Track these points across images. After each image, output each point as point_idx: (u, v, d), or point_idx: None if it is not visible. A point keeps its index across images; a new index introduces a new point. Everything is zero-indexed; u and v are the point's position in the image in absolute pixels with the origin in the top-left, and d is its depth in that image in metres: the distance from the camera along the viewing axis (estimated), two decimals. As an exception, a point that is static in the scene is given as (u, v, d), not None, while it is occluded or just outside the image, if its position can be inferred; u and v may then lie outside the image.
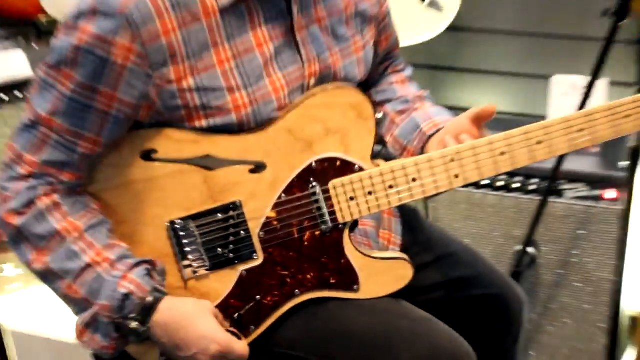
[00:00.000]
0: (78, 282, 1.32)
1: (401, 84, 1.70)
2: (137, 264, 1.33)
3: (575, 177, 2.22)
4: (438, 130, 1.51)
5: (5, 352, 1.49)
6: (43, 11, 2.56)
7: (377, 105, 1.64)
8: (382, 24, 1.60)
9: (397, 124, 1.61)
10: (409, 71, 1.74)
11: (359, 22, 1.50)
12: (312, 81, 1.41)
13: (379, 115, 1.51)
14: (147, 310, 1.30)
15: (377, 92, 1.69)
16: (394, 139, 1.61)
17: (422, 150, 1.54)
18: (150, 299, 1.30)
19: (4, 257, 2.31)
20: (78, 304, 1.34)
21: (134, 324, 1.30)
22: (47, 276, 1.35)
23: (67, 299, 1.36)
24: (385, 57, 1.71)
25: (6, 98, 2.45)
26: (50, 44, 1.31)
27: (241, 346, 1.33)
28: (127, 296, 1.30)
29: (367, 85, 1.65)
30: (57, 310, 2.23)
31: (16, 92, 2.49)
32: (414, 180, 1.36)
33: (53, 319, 2.30)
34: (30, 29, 2.67)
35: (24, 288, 2.41)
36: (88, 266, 1.31)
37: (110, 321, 1.31)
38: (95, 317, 1.31)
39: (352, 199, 1.37)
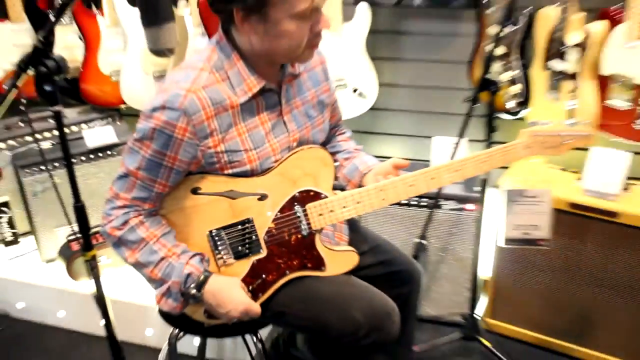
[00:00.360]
0: (157, 268, 1.57)
1: (345, 141, 1.93)
2: (194, 255, 1.59)
3: (449, 197, 2.45)
4: (369, 170, 1.76)
5: (107, 311, 1.77)
6: (123, 102, 2.85)
7: (332, 155, 1.78)
8: (332, 107, 1.85)
9: (344, 166, 1.82)
10: (349, 133, 1.97)
11: (320, 107, 1.76)
12: (294, 144, 1.66)
13: (336, 164, 1.76)
14: (201, 283, 1.55)
15: (332, 147, 1.90)
16: (343, 176, 1.83)
17: (360, 183, 1.77)
18: (202, 276, 1.56)
19: (102, 251, 2.53)
20: (157, 282, 1.59)
21: (193, 292, 1.55)
22: (138, 266, 1.59)
23: (150, 279, 1.60)
24: (334, 126, 1.93)
25: (101, 154, 2.72)
26: (133, 125, 1.54)
27: (256, 306, 1.60)
28: (189, 275, 1.55)
29: (324, 143, 1.83)
30: (134, 285, 2.56)
31: (107, 152, 2.76)
32: (357, 202, 1.64)
33: (132, 291, 2.58)
34: (116, 113, 2.93)
35: (114, 270, 2.63)
36: (162, 259, 1.57)
37: (178, 291, 1.56)
38: (169, 289, 1.57)
39: (320, 214, 1.64)
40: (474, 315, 2.42)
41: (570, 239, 2.31)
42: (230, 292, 1.59)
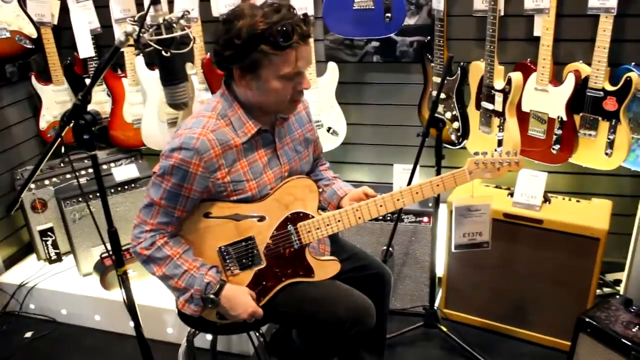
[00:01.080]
0: (181, 280, 1.56)
1: (325, 171, 1.93)
2: (211, 267, 1.58)
3: (408, 212, 2.46)
4: (345, 194, 1.79)
5: (137, 316, 1.73)
6: (143, 144, 2.83)
7: (315, 182, 1.76)
8: (315, 143, 1.85)
9: (325, 191, 1.84)
10: (327, 164, 1.98)
11: (305, 143, 1.76)
12: (286, 173, 1.66)
13: (320, 190, 1.74)
14: (218, 290, 1.55)
15: (315, 175, 1.90)
16: (324, 199, 1.84)
17: (338, 205, 1.79)
18: (219, 285, 1.56)
19: (129, 266, 2.45)
20: (180, 291, 1.57)
21: (211, 297, 1.54)
22: (164, 278, 1.58)
23: (174, 289, 1.59)
24: (317, 158, 1.92)
25: (127, 187, 2.68)
26: (152, 162, 1.56)
27: (260, 310, 1.59)
28: (208, 283, 1.55)
29: (309, 173, 1.84)
30: (156, 292, 2.51)
31: (132, 184, 2.70)
32: (338, 220, 1.65)
33: (155, 297, 2.52)
34: (138, 153, 2.91)
35: (139, 281, 2.57)
36: (185, 271, 1.56)
37: (199, 297, 1.55)
38: (191, 296, 1.56)
39: (309, 231, 1.65)
40: (433, 306, 2.41)
41: (505, 242, 2.32)
42: (241, 298, 1.58)
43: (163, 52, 1.31)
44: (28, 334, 2.70)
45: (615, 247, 2.45)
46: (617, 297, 2.03)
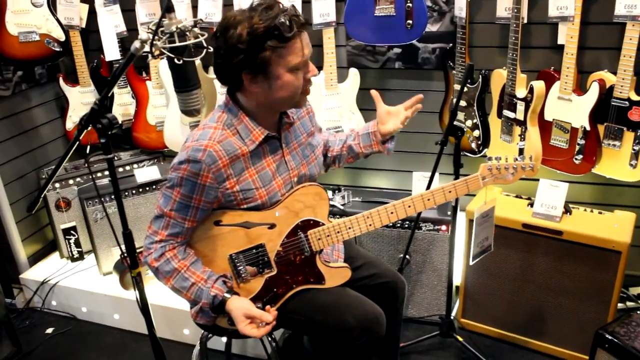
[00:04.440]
0: (189, 292, 1.57)
1: (341, 133, 1.96)
2: (217, 279, 1.57)
3: (427, 220, 2.42)
4: (373, 124, 1.83)
5: (150, 316, 1.75)
6: (166, 146, 2.87)
7: (343, 146, 1.87)
8: (320, 142, 1.84)
9: (357, 144, 1.85)
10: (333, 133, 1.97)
11: (311, 147, 1.74)
12: (295, 179, 1.66)
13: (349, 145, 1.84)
14: (224, 302, 1.55)
15: (338, 144, 1.90)
16: (362, 147, 1.84)
17: (379, 135, 1.82)
18: (226, 296, 1.55)
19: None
20: (191, 302, 1.61)
21: (220, 308, 1.56)
22: (174, 290, 1.60)
23: (186, 299, 1.60)
24: (326, 145, 1.92)
25: (148, 188, 2.72)
26: (168, 173, 1.56)
27: (254, 332, 1.52)
28: (215, 296, 1.55)
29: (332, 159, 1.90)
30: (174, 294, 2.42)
31: (153, 186, 2.74)
32: (349, 228, 1.64)
33: (173, 299, 2.35)
34: (160, 155, 2.98)
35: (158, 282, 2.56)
36: (193, 284, 1.56)
37: (209, 309, 1.56)
38: (201, 308, 1.57)
39: (319, 239, 1.64)
40: (450, 315, 2.38)
41: (524, 253, 2.28)
42: (235, 315, 1.55)
43: (175, 60, 1.33)
44: (49, 330, 2.77)
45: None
46: (638, 312, 1.98)
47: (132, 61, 1.38)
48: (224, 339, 2.26)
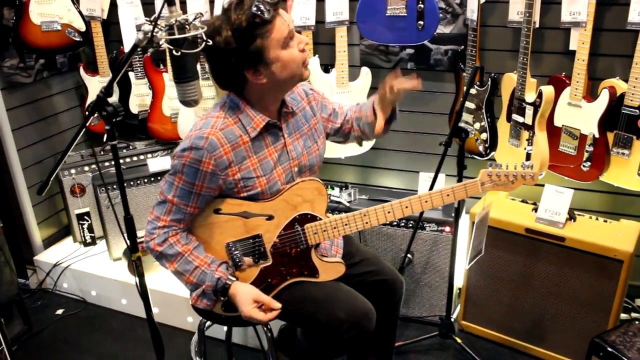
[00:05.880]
0: (192, 276, 1.61)
1: (354, 108, 1.89)
2: (221, 264, 1.61)
3: (431, 220, 2.44)
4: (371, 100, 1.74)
5: (149, 301, 1.75)
6: (180, 138, 2.90)
7: (357, 121, 1.83)
8: (322, 126, 1.81)
9: (367, 115, 1.79)
10: (348, 106, 1.90)
11: (314, 136, 1.75)
12: (295, 168, 1.67)
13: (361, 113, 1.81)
14: (228, 286, 1.59)
15: (356, 119, 1.86)
16: (366, 116, 1.79)
17: (376, 103, 1.72)
18: (229, 281, 1.59)
19: None
20: (192, 286, 1.63)
21: (222, 291, 1.59)
22: (176, 274, 1.63)
23: (187, 283, 1.64)
24: (338, 119, 1.87)
25: (159, 178, 2.79)
26: (172, 161, 1.59)
27: (259, 315, 1.57)
28: (218, 279, 1.59)
29: (346, 134, 1.87)
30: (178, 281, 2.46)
31: (165, 176, 2.80)
32: (345, 224, 1.66)
33: (178, 286, 2.40)
34: (174, 146, 2.97)
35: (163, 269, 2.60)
36: (196, 267, 1.60)
37: (211, 292, 1.59)
38: (203, 291, 1.60)
39: (315, 233, 1.66)
40: (449, 317, 2.39)
41: (527, 258, 2.27)
42: (242, 299, 1.59)
43: (174, 52, 1.37)
44: (59, 311, 2.86)
45: (647, 271, 2.36)
46: (637, 322, 1.96)
47: (134, 52, 1.43)
48: (225, 328, 2.31)
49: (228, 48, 1.45)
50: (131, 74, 3.03)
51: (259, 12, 1.42)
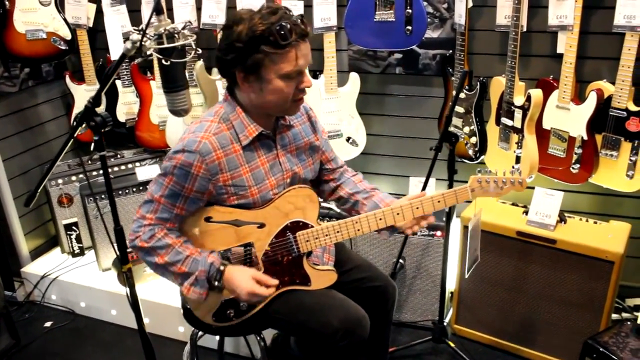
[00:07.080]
0: (184, 265, 1.57)
1: (361, 182, 1.85)
2: (212, 252, 1.59)
3: None
4: (388, 206, 1.66)
5: (140, 312, 1.75)
6: (168, 146, 2.90)
7: (353, 195, 1.79)
8: (320, 150, 1.81)
9: (366, 204, 1.76)
10: (360, 175, 1.90)
11: (311, 152, 1.76)
12: (288, 180, 1.67)
13: (356, 202, 1.79)
14: (222, 270, 1.56)
15: (351, 188, 1.83)
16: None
17: None
18: (222, 266, 1.57)
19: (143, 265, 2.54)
20: (184, 275, 1.57)
21: (216, 272, 1.56)
22: (167, 265, 1.57)
23: (177, 274, 1.58)
24: (336, 167, 1.86)
25: (148, 187, 2.67)
26: (162, 164, 1.58)
27: (260, 289, 1.54)
28: (212, 264, 1.56)
29: (316, 182, 1.84)
30: (171, 291, 2.52)
31: (154, 177, 2.76)
32: (337, 232, 1.65)
33: (169, 296, 2.58)
34: (163, 154, 2.98)
35: (155, 279, 2.63)
36: (188, 256, 1.57)
37: (204, 278, 1.56)
38: (196, 278, 1.57)
39: (307, 241, 1.65)
40: (442, 321, 2.39)
41: (518, 261, 2.28)
42: (239, 279, 1.57)
43: (163, 61, 1.36)
44: (47, 324, 2.81)
45: (637, 271, 2.37)
46: (629, 323, 1.97)
47: (122, 61, 1.42)
48: (217, 338, 2.29)
49: (234, 43, 1.45)
50: (118, 82, 3.00)
51: (277, 33, 1.42)
